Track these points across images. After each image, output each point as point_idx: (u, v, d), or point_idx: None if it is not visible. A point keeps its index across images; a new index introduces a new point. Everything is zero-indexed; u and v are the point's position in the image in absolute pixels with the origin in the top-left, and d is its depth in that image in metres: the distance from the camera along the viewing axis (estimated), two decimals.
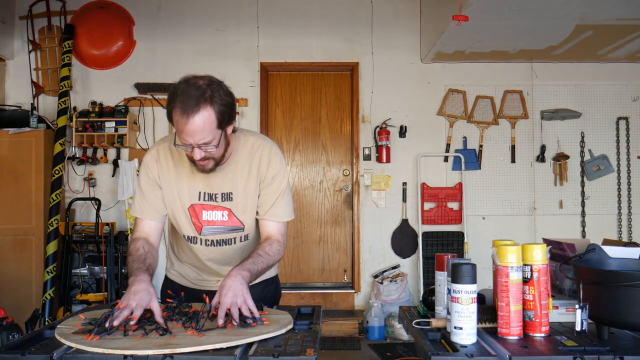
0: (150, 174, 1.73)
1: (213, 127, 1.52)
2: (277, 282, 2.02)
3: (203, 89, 1.50)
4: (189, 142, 1.52)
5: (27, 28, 4.82)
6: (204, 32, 4.85)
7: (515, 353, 1.19)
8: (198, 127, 1.49)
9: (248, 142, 1.73)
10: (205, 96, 1.49)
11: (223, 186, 1.72)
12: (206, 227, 1.74)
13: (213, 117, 1.51)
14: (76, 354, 1.19)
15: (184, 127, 1.49)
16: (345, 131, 4.98)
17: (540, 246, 1.34)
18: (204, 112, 1.48)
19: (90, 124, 4.57)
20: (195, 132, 1.49)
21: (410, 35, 4.89)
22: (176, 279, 1.94)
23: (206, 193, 1.72)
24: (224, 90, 1.55)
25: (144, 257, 1.65)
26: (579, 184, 4.88)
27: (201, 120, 1.48)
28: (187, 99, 1.48)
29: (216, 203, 1.73)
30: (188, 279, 1.91)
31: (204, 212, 1.73)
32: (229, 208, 1.73)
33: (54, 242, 4.29)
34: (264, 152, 1.73)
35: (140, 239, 1.72)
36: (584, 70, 4.89)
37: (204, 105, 1.48)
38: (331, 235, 4.96)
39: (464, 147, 4.87)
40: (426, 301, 1.62)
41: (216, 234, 1.76)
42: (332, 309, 4.77)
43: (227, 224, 1.74)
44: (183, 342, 1.22)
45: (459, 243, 4.75)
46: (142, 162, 1.77)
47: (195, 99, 1.48)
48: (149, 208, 1.74)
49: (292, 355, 1.19)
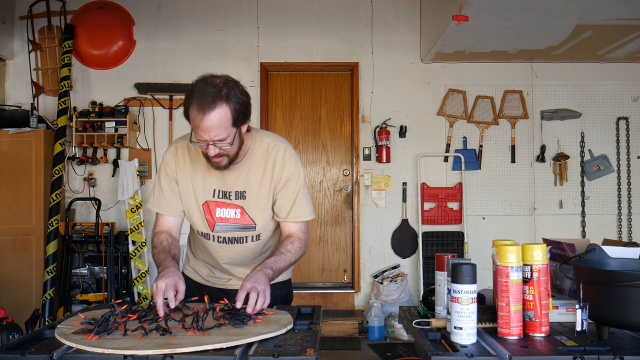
0: (169, 169, 1.79)
1: (228, 124, 1.56)
2: (290, 285, 2.03)
3: (220, 87, 1.54)
4: (204, 138, 1.56)
5: (27, 28, 4.82)
6: (204, 32, 4.85)
7: (515, 353, 1.19)
8: (213, 124, 1.53)
9: (264, 142, 1.77)
10: (221, 94, 1.53)
11: (237, 184, 1.75)
12: (219, 224, 1.78)
13: (228, 115, 1.55)
14: (76, 354, 1.19)
15: (200, 123, 1.53)
16: (345, 131, 4.98)
17: (540, 246, 1.34)
18: (219, 109, 1.53)
19: (90, 124, 4.57)
20: (210, 129, 1.53)
21: (410, 35, 4.89)
22: (190, 275, 1.98)
23: (220, 190, 1.76)
24: (240, 90, 1.60)
25: (168, 248, 1.73)
26: (579, 184, 4.88)
27: (217, 117, 1.52)
28: (204, 97, 1.52)
29: (230, 201, 1.76)
30: (201, 276, 1.95)
31: (217, 209, 1.77)
32: (242, 206, 1.76)
33: (54, 242, 4.29)
34: (279, 153, 1.76)
35: (163, 232, 1.79)
36: (584, 70, 4.89)
37: (220, 103, 1.53)
38: (331, 235, 4.96)
39: (464, 147, 4.87)
40: (426, 301, 1.61)
41: (228, 232, 1.79)
42: (332, 309, 4.77)
43: (240, 221, 1.77)
44: (183, 342, 1.22)
45: (459, 243, 4.75)
46: (162, 159, 1.83)
47: (212, 96, 1.52)
48: (167, 204, 1.80)
49: (292, 355, 1.18)
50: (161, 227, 1.80)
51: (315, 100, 4.99)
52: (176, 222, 1.83)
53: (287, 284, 1.99)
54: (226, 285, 1.89)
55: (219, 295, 1.76)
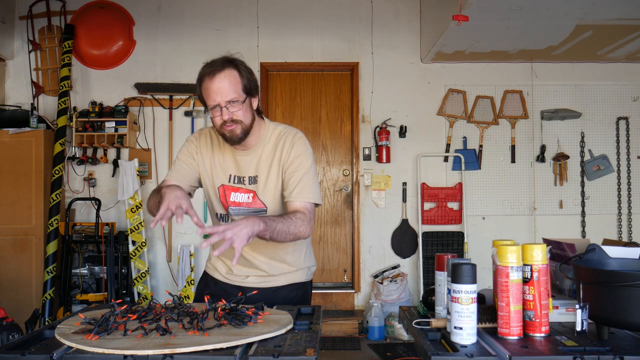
0: (190, 147, 1.87)
1: (239, 87, 1.66)
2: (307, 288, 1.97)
3: (226, 57, 1.69)
4: (216, 101, 1.64)
5: (27, 28, 4.82)
6: (204, 32, 4.85)
7: (515, 353, 1.19)
8: (224, 84, 1.63)
9: (277, 130, 1.84)
10: (229, 60, 1.67)
11: (250, 170, 1.82)
12: (232, 208, 1.83)
13: (238, 78, 1.66)
14: (76, 354, 1.19)
15: (211, 85, 1.63)
16: (345, 131, 4.98)
17: (540, 246, 1.33)
18: (228, 71, 1.65)
19: (90, 124, 4.57)
20: (221, 89, 1.63)
21: (410, 35, 4.89)
22: (210, 272, 2.00)
23: (236, 176, 1.83)
24: (245, 66, 1.72)
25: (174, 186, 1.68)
26: (579, 184, 4.88)
27: (227, 77, 1.64)
28: (213, 64, 1.66)
29: (244, 185, 1.82)
30: (220, 272, 1.96)
31: (232, 194, 1.83)
32: (254, 190, 1.81)
33: (54, 242, 4.29)
34: (288, 137, 1.81)
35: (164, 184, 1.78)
36: (584, 70, 4.89)
37: (229, 66, 1.66)
38: (331, 235, 4.96)
39: (464, 147, 4.87)
40: (426, 301, 1.61)
41: (240, 215, 1.81)
42: (332, 309, 4.77)
43: (251, 205, 1.82)
44: (183, 342, 1.22)
45: (459, 243, 4.75)
46: (185, 141, 1.90)
47: (221, 62, 1.66)
48: (178, 171, 1.84)
49: (292, 355, 1.18)
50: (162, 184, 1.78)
51: (315, 100, 4.99)
52: None
53: (305, 286, 1.94)
54: (244, 283, 1.89)
55: (235, 292, 1.77)
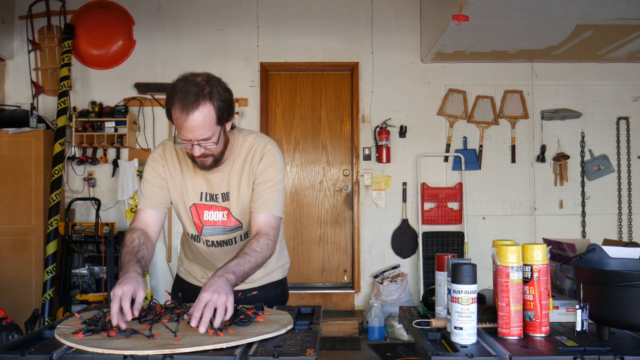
0: (156, 167, 1.74)
1: (212, 122, 1.53)
2: (285, 284, 1.98)
3: (202, 85, 1.51)
4: (188, 138, 1.53)
5: (26, 28, 4.82)
6: (204, 32, 4.85)
7: (516, 353, 1.18)
8: (198, 123, 1.49)
9: (246, 142, 1.73)
10: (204, 92, 1.50)
11: (222, 186, 1.73)
12: (206, 227, 1.75)
13: (212, 113, 1.51)
14: (76, 354, 1.19)
15: (184, 123, 1.50)
16: (345, 131, 4.97)
17: (540, 246, 1.33)
18: (203, 108, 1.49)
19: (90, 124, 4.57)
20: (195, 128, 1.50)
21: (410, 35, 4.88)
22: (184, 276, 1.96)
23: (208, 193, 1.74)
24: (222, 87, 1.57)
25: (137, 248, 1.61)
26: (579, 184, 4.88)
27: (201, 116, 1.49)
28: (186, 96, 1.49)
29: (217, 203, 1.74)
30: (195, 277, 1.92)
31: (205, 212, 1.74)
32: (228, 208, 1.74)
33: (53, 242, 4.29)
34: (258, 148, 1.72)
35: (138, 230, 1.67)
36: (584, 70, 4.89)
37: (203, 102, 1.49)
38: (331, 235, 4.96)
39: (464, 147, 4.87)
40: (426, 301, 1.61)
41: (216, 235, 1.76)
42: (332, 309, 4.77)
43: (227, 224, 1.75)
44: (183, 342, 1.22)
45: (459, 243, 4.75)
46: (148, 158, 1.77)
47: (194, 95, 1.49)
48: (150, 196, 1.73)
49: (292, 355, 1.18)
50: (137, 224, 1.69)
51: (315, 100, 4.99)
52: (157, 218, 1.72)
53: (281, 283, 1.95)
54: None
55: None
